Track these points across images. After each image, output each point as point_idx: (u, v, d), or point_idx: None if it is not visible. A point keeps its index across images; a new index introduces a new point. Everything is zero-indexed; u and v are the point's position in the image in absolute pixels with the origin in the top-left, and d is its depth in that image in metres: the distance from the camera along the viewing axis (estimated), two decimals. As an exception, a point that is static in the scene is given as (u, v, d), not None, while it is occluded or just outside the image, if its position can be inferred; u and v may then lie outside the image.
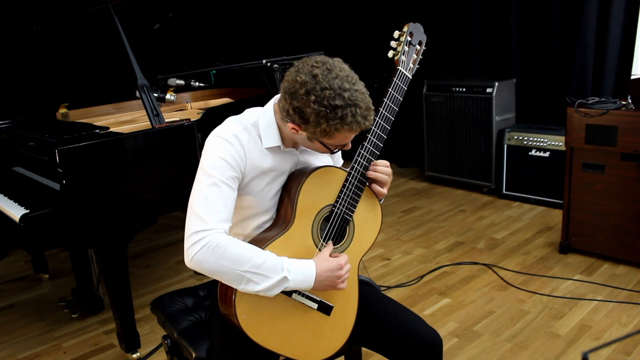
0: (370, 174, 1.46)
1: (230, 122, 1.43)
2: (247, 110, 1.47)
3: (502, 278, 2.93)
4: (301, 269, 1.33)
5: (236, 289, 1.32)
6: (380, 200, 1.55)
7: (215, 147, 1.37)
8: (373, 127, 1.45)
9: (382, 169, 1.48)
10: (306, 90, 1.27)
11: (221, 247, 1.27)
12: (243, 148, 1.38)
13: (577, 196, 3.03)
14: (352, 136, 1.36)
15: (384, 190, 1.50)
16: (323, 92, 1.26)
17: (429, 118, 4.55)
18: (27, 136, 2.44)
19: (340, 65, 1.31)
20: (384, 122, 1.47)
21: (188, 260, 1.29)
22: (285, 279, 1.30)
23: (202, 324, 1.67)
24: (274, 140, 1.42)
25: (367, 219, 1.51)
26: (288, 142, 1.46)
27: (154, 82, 2.82)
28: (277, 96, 1.44)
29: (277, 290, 1.31)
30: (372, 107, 1.33)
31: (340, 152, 1.68)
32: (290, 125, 1.35)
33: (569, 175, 3.03)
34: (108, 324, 2.70)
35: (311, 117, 1.28)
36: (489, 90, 4.08)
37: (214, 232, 1.29)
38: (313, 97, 1.26)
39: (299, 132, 1.35)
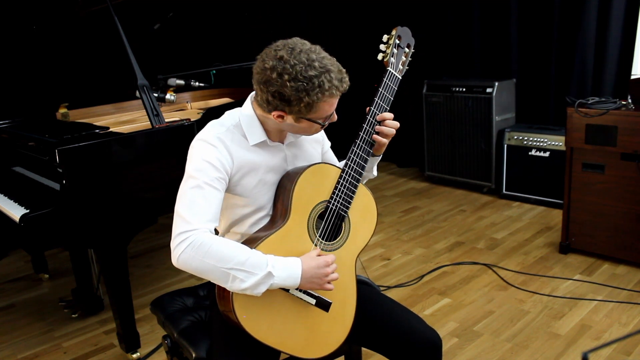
0: (383, 128, 1.49)
1: (213, 125, 1.45)
2: (226, 113, 1.49)
3: (502, 278, 2.93)
4: (286, 266, 1.33)
5: None
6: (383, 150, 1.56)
7: (198, 150, 1.39)
8: (365, 125, 1.49)
9: (391, 123, 1.51)
10: (278, 73, 1.30)
11: (205, 245, 1.28)
12: (227, 149, 1.40)
13: (577, 196, 3.03)
14: (335, 103, 1.38)
15: (389, 138, 1.52)
16: (294, 68, 1.28)
17: (429, 118, 4.55)
18: (27, 136, 2.44)
19: (300, 41, 1.34)
20: (374, 119, 1.50)
21: (175, 261, 1.31)
22: (270, 274, 1.29)
23: (202, 324, 1.67)
24: (259, 135, 1.45)
25: (362, 216, 1.53)
26: (274, 136, 1.48)
27: (154, 82, 2.82)
28: (253, 93, 1.45)
29: (264, 288, 1.30)
30: (344, 70, 1.36)
31: (332, 154, 1.71)
32: (275, 113, 1.37)
33: (569, 175, 3.03)
34: (108, 324, 2.70)
35: (292, 96, 1.31)
36: (489, 90, 4.08)
37: (198, 232, 1.30)
38: (287, 76, 1.29)
39: (285, 117, 1.37)
